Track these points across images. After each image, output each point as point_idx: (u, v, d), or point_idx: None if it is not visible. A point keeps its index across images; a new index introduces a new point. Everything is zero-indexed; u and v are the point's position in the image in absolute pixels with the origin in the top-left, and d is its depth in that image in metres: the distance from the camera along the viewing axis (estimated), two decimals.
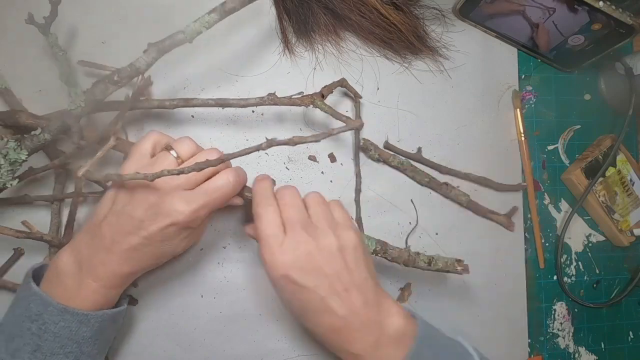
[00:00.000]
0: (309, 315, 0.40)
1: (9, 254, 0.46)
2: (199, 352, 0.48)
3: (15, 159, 0.39)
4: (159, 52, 0.41)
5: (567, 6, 0.50)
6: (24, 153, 0.39)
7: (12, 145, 0.39)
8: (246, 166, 0.51)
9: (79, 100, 0.40)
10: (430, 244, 0.54)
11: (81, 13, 0.49)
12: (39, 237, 0.44)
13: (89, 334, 0.38)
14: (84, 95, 0.40)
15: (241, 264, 0.50)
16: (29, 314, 0.37)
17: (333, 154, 0.53)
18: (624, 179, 0.59)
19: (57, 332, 0.36)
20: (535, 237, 0.58)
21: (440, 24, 0.56)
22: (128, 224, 0.38)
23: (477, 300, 0.55)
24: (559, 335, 0.58)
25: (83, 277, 0.38)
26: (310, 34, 0.52)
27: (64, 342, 0.37)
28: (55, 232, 0.46)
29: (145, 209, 0.38)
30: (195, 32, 0.41)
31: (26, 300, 0.37)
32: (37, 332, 0.36)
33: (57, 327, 0.36)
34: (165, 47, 0.41)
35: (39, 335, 0.36)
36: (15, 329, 0.37)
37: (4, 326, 0.38)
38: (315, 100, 0.47)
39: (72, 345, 0.37)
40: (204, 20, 0.41)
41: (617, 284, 0.60)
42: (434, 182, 0.54)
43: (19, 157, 0.39)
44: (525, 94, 0.59)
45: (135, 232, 0.38)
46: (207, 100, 0.46)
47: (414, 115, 0.55)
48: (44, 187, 0.47)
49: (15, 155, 0.39)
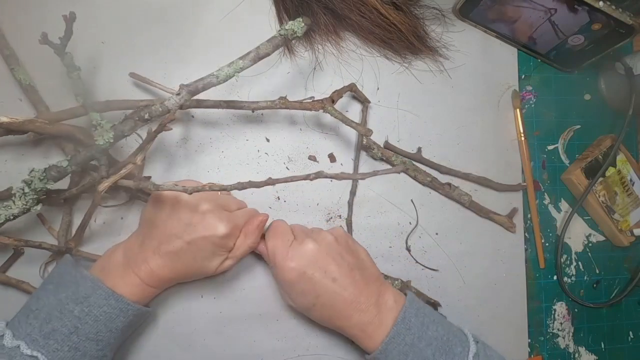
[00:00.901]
0: (323, 299, 0.44)
1: (8, 254, 0.46)
2: (199, 352, 0.48)
3: (41, 188, 0.40)
4: (189, 93, 0.43)
5: (567, 6, 0.50)
6: (50, 183, 0.40)
7: (37, 175, 0.39)
8: (246, 166, 0.51)
9: (107, 137, 0.41)
10: (430, 244, 0.54)
11: (81, 13, 0.49)
12: (37, 245, 0.44)
13: (122, 325, 0.41)
14: (112, 132, 0.41)
15: (241, 264, 0.50)
16: (76, 296, 0.39)
17: (333, 154, 0.53)
18: (624, 179, 0.59)
19: (97, 317, 0.39)
20: (535, 237, 0.58)
21: (440, 24, 0.56)
22: (176, 227, 0.42)
23: (477, 300, 0.55)
24: (559, 335, 0.58)
25: (128, 270, 0.42)
26: (310, 34, 0.52)
27: (100, 328, 0.40)
28: (64, 230, 0.46)
29: (193, 217, 0.42)
30: (228, 76, 0.42)
31: (74, 284, 0.40)
32: (80, 314, 0.39)
33: (99, 311, 0.39)
34: (198, 89, 0.43)
35: (80, 318, 0.39)
36: (56, 311, 0.39)
37: (40, 309, 0.39)
38: (325, 106, 0.47)
39: (105, 332, 0.40)
40: (237, 66, 0.42)
41: (617, 284, 0.60)
42: (435, 182, 0.54)
43: (44, 187, 0.40)
44: (525, 94, 0.59)
45: (181, 235, 0.42)
46: (219, 102, 0.46)
47: (414, 115, 0.55)
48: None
49: (41, 184, 0.40)
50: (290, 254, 0.44)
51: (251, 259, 0.50)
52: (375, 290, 0.45)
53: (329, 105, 0.47)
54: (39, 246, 0.44)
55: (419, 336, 0.43)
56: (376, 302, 0.45)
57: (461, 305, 0.54)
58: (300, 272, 0.43)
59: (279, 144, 0.52)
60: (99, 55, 0.49)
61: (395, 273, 0.53)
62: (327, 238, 0.46)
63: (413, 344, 0.43)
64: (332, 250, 0.45)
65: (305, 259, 0.44)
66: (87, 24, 0.49)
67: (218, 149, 0.51)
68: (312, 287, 0.44)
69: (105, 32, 0.49)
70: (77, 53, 0.48)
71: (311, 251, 0.44)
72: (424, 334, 0.44)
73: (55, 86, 0.47)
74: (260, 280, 0.50)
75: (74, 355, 0.38)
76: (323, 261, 0.44)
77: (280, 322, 0.50)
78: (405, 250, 0.54)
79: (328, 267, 0.44)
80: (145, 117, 0.42)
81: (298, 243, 0.45)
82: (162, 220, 0.43)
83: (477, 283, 0.55)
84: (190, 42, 0.51)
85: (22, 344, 0.37)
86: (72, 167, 0.41)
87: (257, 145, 0.52)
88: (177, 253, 0.42)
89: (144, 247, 0.42)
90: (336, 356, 0.51)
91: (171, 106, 0.42)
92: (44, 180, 0.40)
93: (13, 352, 0.37)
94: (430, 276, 0.54)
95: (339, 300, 0.44)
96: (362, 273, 0.46)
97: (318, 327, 0.51)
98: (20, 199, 0.40)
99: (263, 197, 0.51)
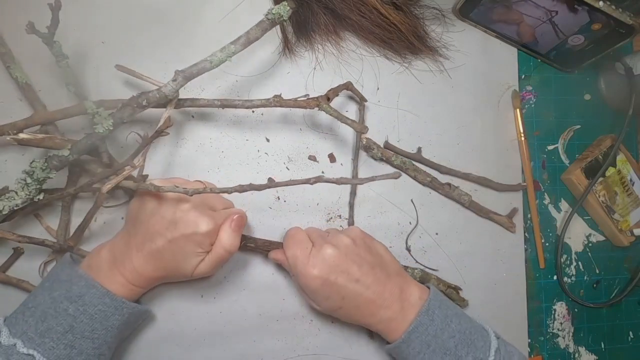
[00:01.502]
0: (348, 301, 0.45)
1: (8, 253, 0.46)
2: (199, 352, 0.48)
3: (43, 178, 0.40)
4: (185, 78, 0.43)
5: (567, 6, 0.50)
6: (52, 173, 0.41)
7: (38, 165, 0.40)
8: (246, 166, 0.51)
9: (107, 124, 0.41)
10: (430, 244, 0.54)
11: (81, 13, 0.49)
12: (40, 242, 0.44)
13: (118, 322, 0.41)
14: (111, 119, 0.42)
15: (241, 264, 0.50)
16: (70, 295, 0.39)
17: (333, 154, 0.53)
18: (624, 179, 0.59)
19: (93, 315, 0.39)
20: (535, 237, 0.58)
21: (440, 24, 0.56)
22: (159, 224, 0.41)
23: (477, 300, 0.55)
24: (559, 335, 0.58)
25: (114, 269, 0.42)
26: (310, 34, 0.52)
27: (96, 326, 0.40)
28: (63, 229, 0.46)
29: (176, 213, 0.42)
30: (221, 61, 0.43)
31: (69, 282, 0.40)
32: (74, 313, 0.39)
33: (94, 310, 0.39)
34: (192, 74, 0.43)
35: (75, 317, 0.39)
36: (51, 310, 0.39)
37: (36, 307, 0.39)
38: (320, 103, 0.47)
39: (101, 330, 0.40)
40: (229, 51, 0.43)
41: (617, 284, 0.60)
42: (435, 182, 0.54)
43: (46, 177, 0.40)
44: (525, 94, 0.59)
45: (163, 233, 0.41)
46: (213, 100, 0.47)
47: (414, 115, 0.55)
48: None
49: (43, 174, 0.40)
50: (311, 261, 0.45)
51: (251, 258, 0.50)
52: (397, 284, 0.46)
53: (324, 103, 0.47)
54: (42, 243, 0.44)
55: (442, 328, 0.44)
56: (399, 297, 0.45)
57: (461, 305, 0.54)
58: (324, 279, 0.44)
59: (279, 144, 0.52)
60: (99, 55, 0.49)
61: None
62: (345, 240, 0.46)
63: (436, 334, 0.44)
64: (351, 251, 0.45)
65: (327, 264, 0.44)
66: (87, 23, 0.49)
67: (218, 149, 0.51)
68: (336, 291, 0.44)
69: (105, 32, 0.49)
70: (78, 53, 0.48)
71: (331, 256, 0.44)
72: (447, 326, 0.44)
73: (52, 85, 0.47)
74: (260, 281, 0.50)
75: (70, 353, 0.38)
76: (344, 264, 0.44)
77: (280, 322, 0.50)
78: (405, 250, 0.54)
79: (350, 269, 0.44)
80: (143, 103, 0.42)
81: (317, 250, 0.45)
82: (145, 217, 0.42)
83: (477, 283, 0.55)
84: (190, 42, 0.51)
85: (19, 342, 0.37)
86: (73, 155, 0.41)
87: (257, 145, 0.52)
88: (160, 251, 0.41)
89: (129, 245, 0.42)
90: (336, 356, 0.51)
91: (168, 92, 0.42)
92: (46, 170, 0.40)
93: (10, 351, 0.37)
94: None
95: (364, 300, 0.45)
96: (383, 269, 0.46)
97: (318, 327, 0.51)
98: (23, 190, 0.40)
99: (263, 198, 0.51)
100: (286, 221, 0.51)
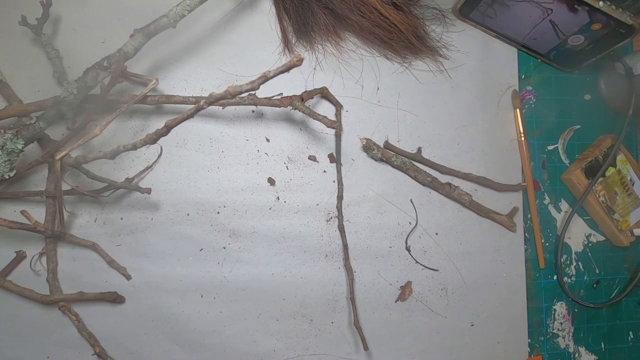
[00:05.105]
0: None
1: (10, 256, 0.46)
2: (199, 352, 0.49)
3: (13, 149, 0.40)
4: (144, 36, 0.43)
5: (567, 6, 0.50)
6: (20, 142, 0.41)
7: (8, 136, 0.40)
8: (246, 166, 0.51)
9: (71, 88, 0.42)
10: (430, 244, 0.54)
11: (81, 13, 0.49)
12: (32, 228, 0.43)
13: None
14: (75, 84, 0.42)
15: (241, 264, 0.50)
16: None
17: (333, 154, 0.53)
18: (624, 179, 0.59)
19: None
20: (535, 237, 0.58)
21: (440, 24, 0.56)
22: None
23: (477, 300, 0.55)
24: (559, 335, 0.58)
25: None
26: (310, 34, 0.52)
27: None
28: (50, 222, 0.46)
29: None
30: (179, 15, 0.43)
31: None
32: None
33: None
34: (151, 32, 0.43)
35: None
36: None
37: None
38: (293, 102, 0.48)
39: None
40: (185, 4, 0.43)
41: (617, 284, 0.60)
42: (436, 182, 0.54)
43: (15, 147, 0.40)
44: (525, 94, 0.59)
45: None
46: (188, 97, 0.47)
47: (414, 115, 0.55)
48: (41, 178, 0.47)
49: (13, 145, 0.40)
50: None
51: (251, 259, 0.50)
52: None
53: (297, 101, 0.48)
54: (34, 229, 0.43)
55: None
56: None
57: (461, 305, 0.55)
58: None
59: (279, 144, 0.52)
60: (99, 55, 0.49)
61: (395, 273, 0.53)
62: None
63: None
64: None
65: None
66: (87, 23, 0.49)
67: (218, 149, 0.51)
68: None
69: (105, 32, 0.49)
70: (78, 53, 0.48)
71: None
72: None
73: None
74: (260, 281, 0.50)
75: None
76: None
77: (280, 322, 0.50)
78: (405, 250, 0.54)
79: None
80: (104, 64, 0.43)
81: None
82: None
83: (477, 283, 0.55)
84: (191, 42, 0.51)
85: None
86: (40, 123, 0.42)
87: (257, 145, 0.52)
88: None
89: None
90: (336, 356, 0.51)
91: (127, 50, 0.43)
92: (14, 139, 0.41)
93: None
94: (430, 276, 0.54)
95: None
96: None
97: (318, 327, 0.51)
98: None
99: (263, 198, 0.51)
100: (286, 221, 0.51)
